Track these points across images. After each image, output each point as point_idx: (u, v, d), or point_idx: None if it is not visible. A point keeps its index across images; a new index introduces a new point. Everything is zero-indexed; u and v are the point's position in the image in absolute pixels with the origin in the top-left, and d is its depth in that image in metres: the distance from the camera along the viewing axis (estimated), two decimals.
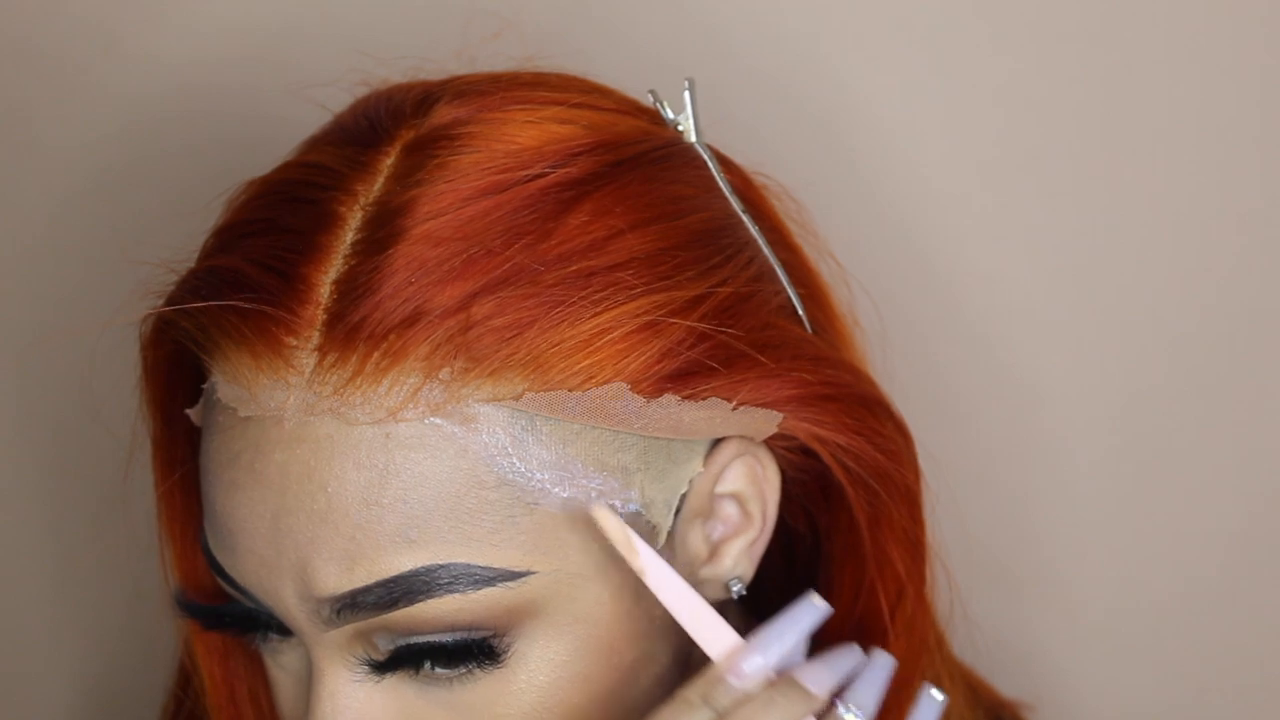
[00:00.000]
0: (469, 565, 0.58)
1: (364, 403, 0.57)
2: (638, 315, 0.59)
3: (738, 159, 0.69)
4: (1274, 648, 0.91)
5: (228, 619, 0.64)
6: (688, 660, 0.66)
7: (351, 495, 0.58)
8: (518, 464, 0.58)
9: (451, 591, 0.58)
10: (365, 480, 0.57)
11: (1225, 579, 0.91)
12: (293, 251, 0.59)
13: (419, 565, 0.58)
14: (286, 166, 0.63)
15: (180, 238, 0.65)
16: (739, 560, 0.65)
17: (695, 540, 0.64)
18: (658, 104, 0.67)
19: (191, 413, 0.65)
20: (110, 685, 0.97)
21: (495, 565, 0.58)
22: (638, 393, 0.59)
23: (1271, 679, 0.91)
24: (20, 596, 0.97)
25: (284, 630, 0.63)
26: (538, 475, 0.59)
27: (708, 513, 0.64)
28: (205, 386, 0.62)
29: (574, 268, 0.59)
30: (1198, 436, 0.90)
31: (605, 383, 0.58)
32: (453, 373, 0.57)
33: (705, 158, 0.66)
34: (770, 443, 0.64)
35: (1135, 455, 0.91)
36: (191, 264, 0.64)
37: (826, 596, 0.69)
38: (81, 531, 0.95)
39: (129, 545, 0.76)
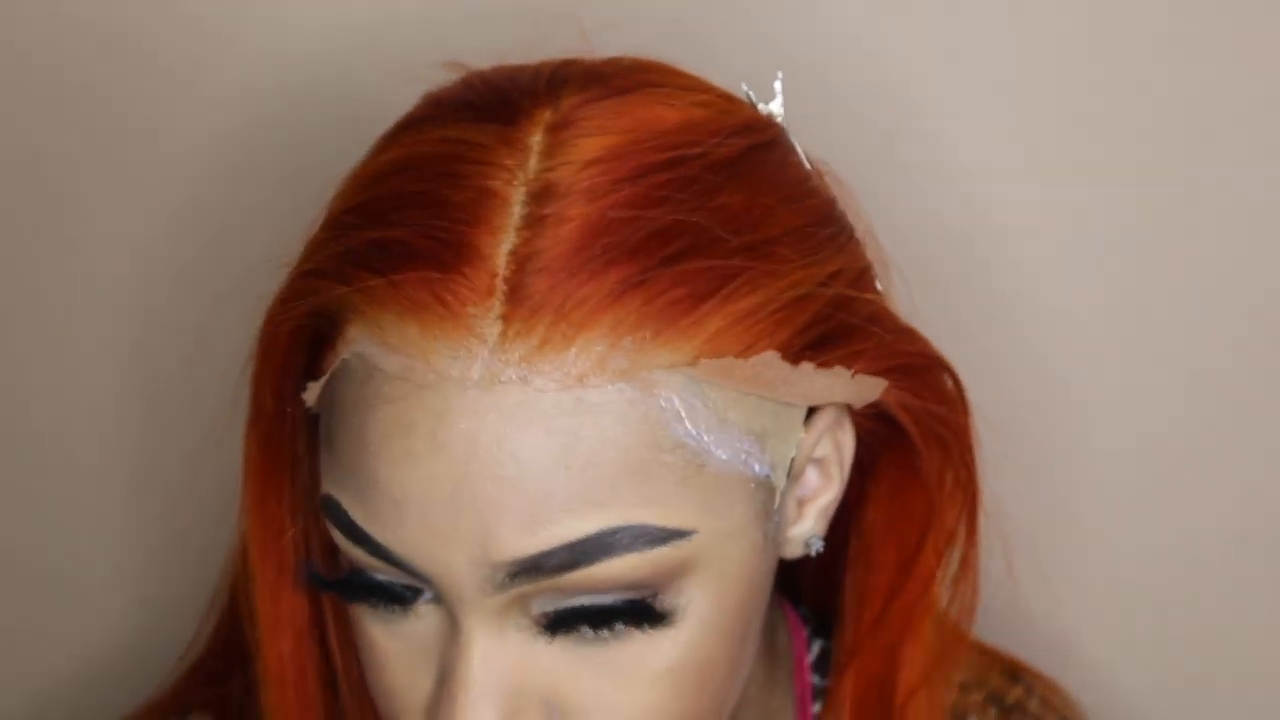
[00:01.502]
0: (647, 526, 0.60)
1: (552, 370, 0.59)
2: (795, 286, 0.62)
3: None
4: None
5: (359, 588, 0.64)
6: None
7: (542, 461, 0.59)
8: (690, 428, 0.61)
9: (630, 551, 0.60)
10: (556, 445, 0.59)
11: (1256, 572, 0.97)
12: (458, 223, 0.60)
13: (603, 526, 0.60)
14: (424, 141, 0.64)
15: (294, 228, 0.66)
16: (818, 519, 0.70)
17: (790, 502, 0.68)
18: (750, 96, 0.70)
19: (310, 391, 0.65)
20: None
21: (670, 525, 0.61)
22: (785, 361, 0.62)
23: None
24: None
25: (413, 595, 0.63)
26: (705, 438, 0.61)
27: (799, 476, 0.68)
28: (345, 358, 0.62)
29: (739, 240, 0.62)
30: (1236, 429, 0.95)
31: (761, 351, 0.62)
32: (635, 341, 0.59)
33: (792, 143, 0.70)
34: (852, 409, 0.69)
35: (1168, 447, 0.95)
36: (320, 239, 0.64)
37: (865, 560, 0.74)
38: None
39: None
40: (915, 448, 0.71)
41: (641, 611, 0.62)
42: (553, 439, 0.59)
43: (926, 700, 0.75)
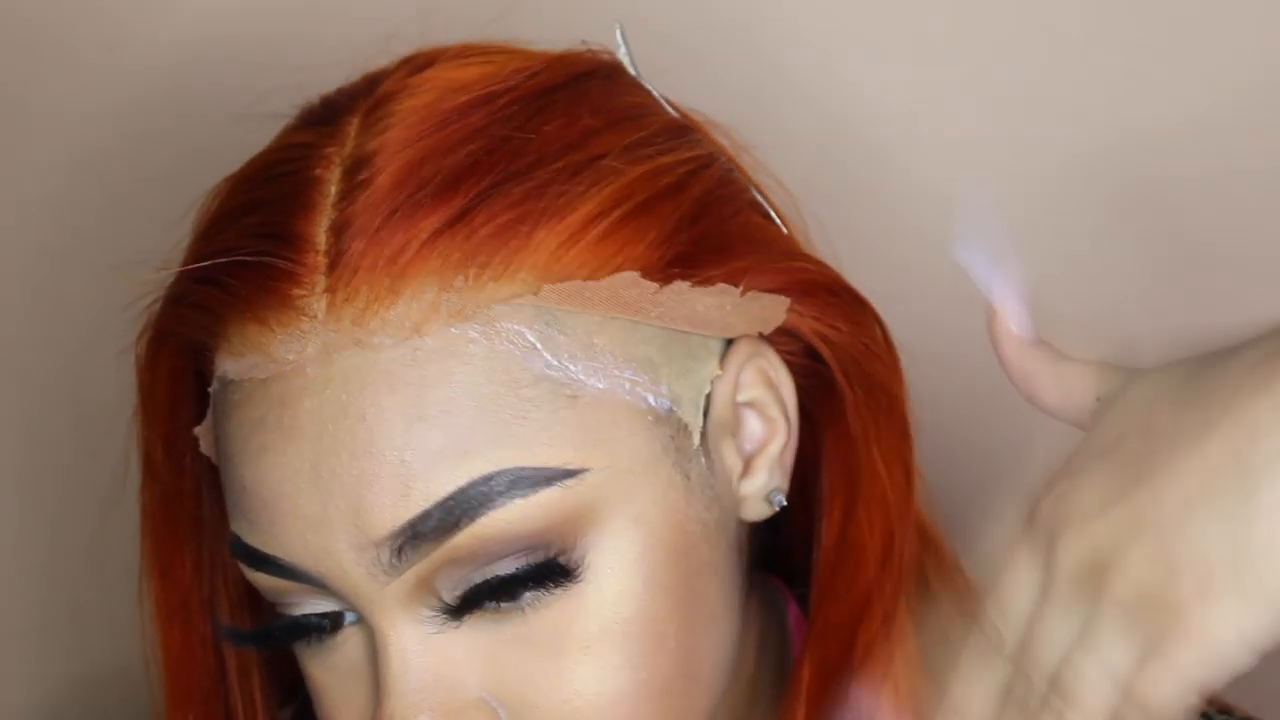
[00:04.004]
0: (522, 468, 0.57)
1: (384, 326, 0.57)
2: (630, 196, 0.60)
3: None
4: None
5: (276, 634, 0.62)
6: (748, 576, 0.65)
7: (391, 418, 0.56)
8: (549, 358, 0.58)
9: (511, 498, 0.57)
10: (402, 399, 0.57)
11: None
12: (280, 215, 0.59)
13: (474, 476, 0.57)
14: (253, 159, 0.64)
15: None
16: (772, 471, 0.65)
17: (729, 454, 0.64)
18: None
19: (199, 430, 0.63)
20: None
21: (549, 464, 0.57)
22: (649, 279, 0.60)
23: None
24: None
25: (333, 624, 0.61)
26: (570, 367, 0.58)
27: (735, 426, 0.64)
28: (212, 389, 0.61)
29: (560, 163, 0.60)
30: None
31: (616, 271, 0.59)
32: (466, 280, 0.57)
33: (647, 86, 0.68)
34: (777, 346, 0.65)
35: None
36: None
37: (817, 532, 0.67)
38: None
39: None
40: (841, 391, 0.66)
41: (546, 571, 0.58)
42: (397, 393, 0.57)
43: (888, 689, 0.66)
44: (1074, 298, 0.85)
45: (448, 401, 0.57)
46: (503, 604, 0.58)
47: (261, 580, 0.61)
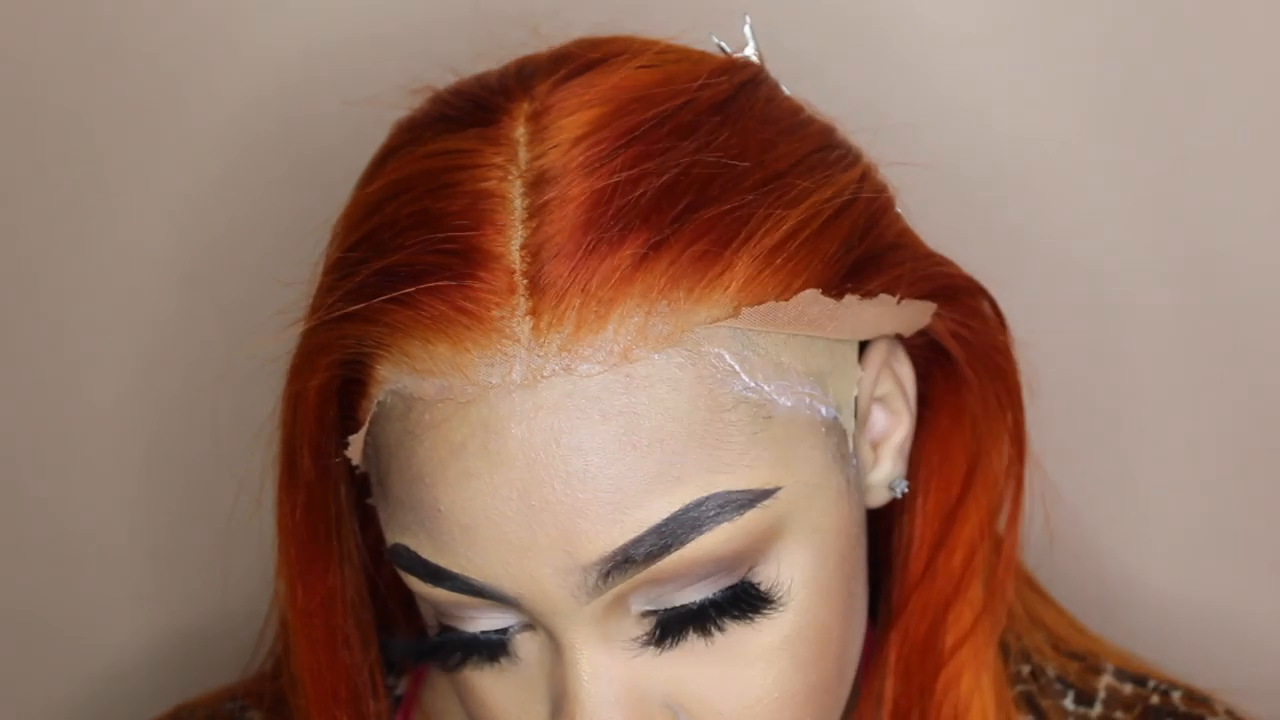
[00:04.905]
0: (730, 491, 0.58)
1: (594, 352, 0.56)
2: (816, 216, 0.60)
3: None
4: None
5: (445, 651, 0.62)
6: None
7: (607, 447, 0.56)
8: (747, 380, 0.58)
9: (718, 522, 0.57)
10: (616, 427, 0.56)
11: None
12: (462, 230, 0.58)
13: (687, 501, 0.57)
14: (408, 163, 0.62)
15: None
16: (895, 460, 0.67)
17: (864, 446, 0.65)
18: (722, 48, 0.68)
19: (352, 446, 0.62)
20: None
21: (751, 486, 0.58)
22: (828, 296, 0.60)
23: None
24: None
25: (504, 637, 0.61)
26: (765, 387, 0.59)
27: (865, 419, 0.65)
28: (381, 400, 0.60)
29: (749, 182, 0.60)
30: None
31: (800, 289, 0.59)
32: (670, 303, 0.57)
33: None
34: (903, 339, 0.66)
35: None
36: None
37: (911, 509, 0.70)
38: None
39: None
40: (965, 381, 0.68)
41: (745, 600, 0.59)
42: (611, 422, 0.57)
43: (973, 667, 0.70)
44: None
45: (659, 429, 0.57)
46: (701, 636, 0.59)
47: (437, 595, 0.60)
